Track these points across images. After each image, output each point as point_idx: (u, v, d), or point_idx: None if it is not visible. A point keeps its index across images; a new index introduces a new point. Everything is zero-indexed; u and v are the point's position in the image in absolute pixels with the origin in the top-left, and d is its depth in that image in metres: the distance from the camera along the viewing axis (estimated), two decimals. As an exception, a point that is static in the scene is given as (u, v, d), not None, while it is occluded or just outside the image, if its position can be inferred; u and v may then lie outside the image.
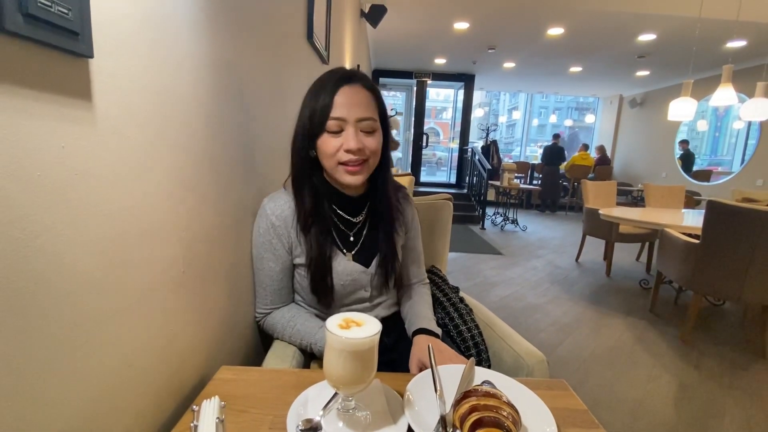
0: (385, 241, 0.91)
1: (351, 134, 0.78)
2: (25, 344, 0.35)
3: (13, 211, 0.33)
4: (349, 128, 0.78)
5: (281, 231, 0.86)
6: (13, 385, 0.35)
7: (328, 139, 0.79)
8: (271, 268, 0.88)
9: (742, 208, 2.12)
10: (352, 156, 0.79)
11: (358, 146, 0.78)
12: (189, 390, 0.66)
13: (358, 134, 0.79)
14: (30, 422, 0.36)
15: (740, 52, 5.05)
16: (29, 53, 0.35)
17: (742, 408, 1.78)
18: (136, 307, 0.51)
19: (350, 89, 0.79)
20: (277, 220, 0.86)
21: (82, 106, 0.40)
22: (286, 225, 0.86)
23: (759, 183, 5.38)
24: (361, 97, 0.79)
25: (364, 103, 0.79)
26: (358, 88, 0.80)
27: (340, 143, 0.79)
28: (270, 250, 0.87)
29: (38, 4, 0.33)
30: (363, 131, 0.80)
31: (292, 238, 0.87)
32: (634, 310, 2.91)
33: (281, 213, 0.86)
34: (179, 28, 0.58)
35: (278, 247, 0.87)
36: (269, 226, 0.86)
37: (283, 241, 0.87)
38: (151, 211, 0.53)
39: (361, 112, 0.78)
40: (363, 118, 0.79)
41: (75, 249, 0.40)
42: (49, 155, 0.37)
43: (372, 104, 0.81)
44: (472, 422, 0.53)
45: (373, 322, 0.56)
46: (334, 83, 0.79)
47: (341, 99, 0.78)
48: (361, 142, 0.79)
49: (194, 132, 0.64)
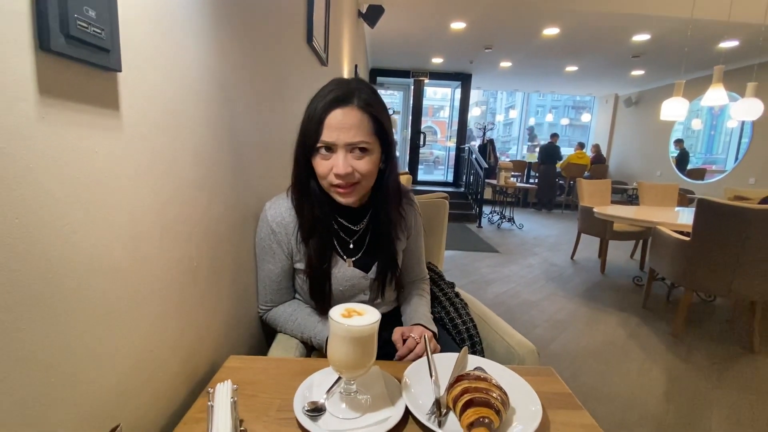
0: (386, 247, 0.93)
1: (340, 159, 0.77)
2: (63, 329, 0.40)
3: (56, 209, 0.38)
4: (339, 152, 0.78)
5: (281, 237, 0.88)
6: (55, 362, 0.39)
7: (319, 160, 0.80)
8: (270, 270, 0.91)
9: (731, 206, 2.18)
10: (341, 180, 0.79)
11: (347, 171, 0.77)
12: (200, 376, 0.71)
13: (347, 158, 0.78)
14: (65, 397, 0.41)
15: (732, 53, 5.12)
16: (69, 69, 0.39)
17: (729, 400, 1.84)
18: (155, 298, 0.56)
19: (342, 112, 0.77)
20: (277, 227, 0.88)
21: (112, 115, 0.45)
22: (287, 232, 0.88)
23: (751, 181, 5.46)
24: (352, 121, 0.77)
25: (356, 127, 0.77)
26: (351, 110, 0.77)
27: (331, 165, 0.79)
28: (270, 254, 0.90)
29: (78, 26, 0.38)
30: (354, 154, 0.79)
31: (292, 245, 0.89)
32: (628, 307, 2.97)
33: (281, 220, 0.88)
34: (191, 38, 0.62)
35: (278, 252, 0.90)
36: (269, 232, 0.88)
37: (283, 247, 0.89)
38: (167, 209, 0.57)
39: (350, 136, 0.76)
40: (352, 144, 0.77)
41: (105, 244, 0.45)
42: (85, 159, 0.41)
43: (365, 126, 0.78)
44: (464, 402, 0.58)
45: (373, 312, 0.61)
46: (327, 104, 0.77)
47: (331, 122, 0.76)
48: (350, 166, 0.78)
49: (203, 136, 0.68)
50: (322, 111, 0.77)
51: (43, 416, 0.38)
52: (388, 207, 0.90)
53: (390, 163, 0.87)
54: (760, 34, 3.99)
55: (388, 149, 0.84)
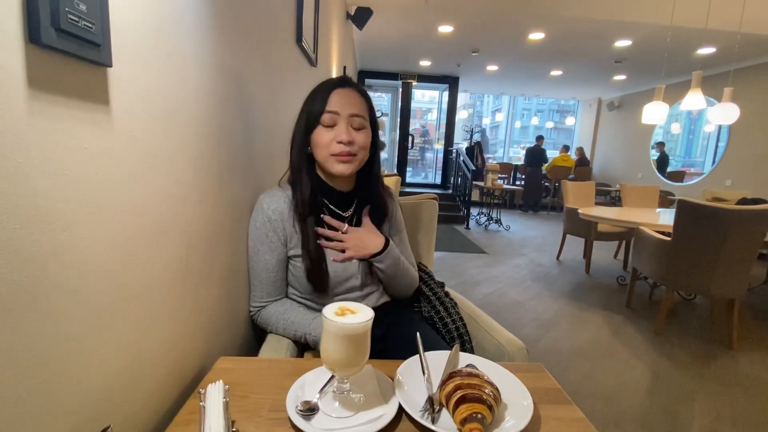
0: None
1: (343, 128, 0.89)
2: (51, 329, 0.39)
3: (44, 206, 0.37)
4: (342, 122, 0.89)
5: (277, 225, 0.92)
6: (43, 363, 0.38)
7: (322, 131, 0.89)
8: (267, 260, 0.93)
9: (710, 207, 2.25)
10: (344, 147, 0.88)
11: (349, 138, 0.88)
12: (191, 377, 0.70)
13: (349, 128, 0.89)
14: (54, 398, 0.40)
15: (709, 59, 5.30)
16: (59, 63, 0.38)
17: (710, 395, 1.89)
18: (145, 299, 0.55)
19: (344, 91, 0.90)
20: (273, 214, 0.92)
21: (102, 110, 0.44)
22: (282, 218, 0.92)
23: (728, 183, 5.65)
24: (353, 98, 0.91)
25: (356, 104, 0.90)
26: (351, 91, 0.91)
27: (333, 135, 0.89)
28: (266, 243, 0.93)
29: (69, 19, 0.37)
30: (354, 127, 0.90)
31: (287, 230, 0.93)
32: (612, 306, 3.03)
33: (277, 207, 0.92)
34: (185, 35, 0.62)
35: (274, 239, 0.92)
36: (266, 219, 0.92)
37: (279, 234, 0.93)
38: (158, 208, 0.57)
39: (353, 109, 0.89)
40: (354, 114, 0.89)
41: (94, 244, 0.44)
42: (75, 155, 0.40)
43: (363, 106, 0.92)
44: (457, 399, 0.58)
45: (366, 310, 0.61)
46: (330, 86, 0.90)
47: (336, 98, 0.89)
48: (351, 136, 0.89)
49: (195, 134, 0.68)
50: (327, 89, 0.90)
51: (31, 417, 0.37)
52: (373, 193, 1.01)
53: (375, 153, 0.98)
54: (735, 41, 4.14)
55: (375, 140, 0.96)
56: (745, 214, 2.17)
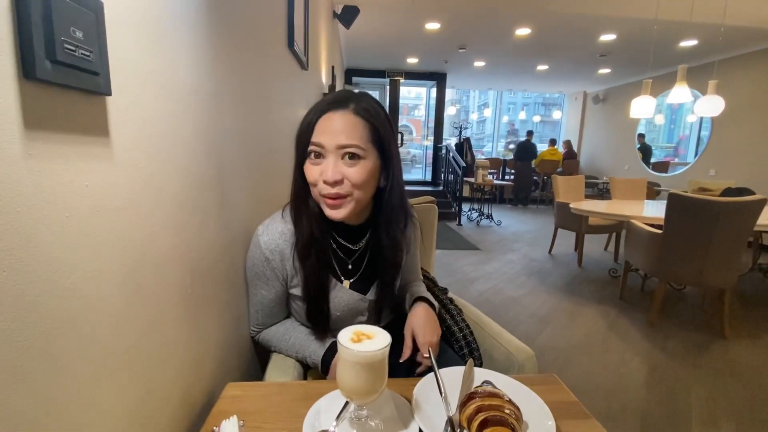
0: (386, 269, 0.88)
1: (330, 163, 0.72)
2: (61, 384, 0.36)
3: (46, 254, 0.34)
4: (330, 157, 0.73)
5: (276, 264, 0.83)
6: (53, 421, 0.35)
7: (309, 166, 0.75)
8: (263, 296, 0.87)
9: (700, 199, 2.29)
10: (330, 189, 0.73)
11: (335, 177, 0.72)
12: (200, 408, 0.67)
13: (338, 164, 0.72)
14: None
15: (693, 51, 5.38)
16: (56, 97, 0.35)
17: (704, 384, 1.93)
18: (152, 334, 0.52)
19: (335, 114, 0.73)
20: (271, 255, 0.82)
21: (102, 143, 0.41)
22: (282, 258, 0.82)
23: (712, 173, 5.77)
24: (346, 124, 0.72)
25: (349, 130, 0.72)
26: (345, 114, 0.73)
27: (321, 171, 0.73)
28: (263, 281, 0.85)
29: (65, 49, 0.34)
30: (345, 161, 0.73)
31: (288, 269, 0.83)
32: (605, 299, 3.07)
33: (275, 247, 0.82)
34: (179, 51, 0.59)
35: (272, 278, 0.84)
36: (263, 259, 0.82)
37: (278, 273, 0.84)
38: (161, 237, 0.54)
39: (342, 139, 0.71)
40: (343, 146, 0.72)
41: (100, 284, 0.41)
42: (75, 195, 0.37)
43: (359, 131, 0.73)
44: (480, 422, 0.57)
45: (383, 334, 0.59)
46: (318, 110, 0.74)
47: (323, 124, 0.73)
48: (340, 173, 0.72)
49: (194, 155, 0.65)
50: (316, 113, 0.75)
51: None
52: (390, 227, 0.84)
53: (393, 181, 0.80)
54: (719, 34, 4.21)
55: (388, 164, 0.79)
56: (734, 206, 2.21)
